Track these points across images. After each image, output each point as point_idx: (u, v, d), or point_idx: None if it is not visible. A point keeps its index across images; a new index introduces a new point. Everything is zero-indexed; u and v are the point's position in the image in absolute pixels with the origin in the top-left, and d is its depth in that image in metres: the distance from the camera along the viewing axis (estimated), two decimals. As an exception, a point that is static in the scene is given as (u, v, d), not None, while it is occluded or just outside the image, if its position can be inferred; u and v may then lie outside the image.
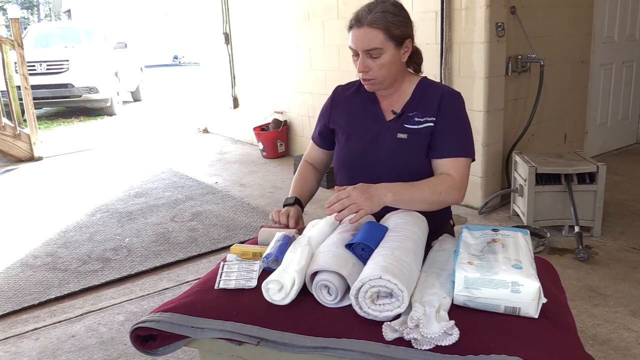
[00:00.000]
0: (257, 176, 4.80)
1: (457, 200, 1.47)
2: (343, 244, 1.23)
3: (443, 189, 1.43)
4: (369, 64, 1.47)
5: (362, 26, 1.44)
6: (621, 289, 2.47)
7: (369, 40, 1.44)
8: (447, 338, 0.96)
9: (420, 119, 1.53)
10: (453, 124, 1.52)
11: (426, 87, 1.57)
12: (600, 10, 4.28)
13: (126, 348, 2.21)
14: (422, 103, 1.55)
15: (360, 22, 1.45)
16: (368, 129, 1.59)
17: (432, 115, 1.52)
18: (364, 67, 1.48)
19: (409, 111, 1.55)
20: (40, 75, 8.15)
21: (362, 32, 1.45)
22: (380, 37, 1.44)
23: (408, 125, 1.53)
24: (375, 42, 1.44)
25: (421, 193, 1.41)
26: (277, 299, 1.11)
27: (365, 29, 1.44)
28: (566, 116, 4.21)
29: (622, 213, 3.42)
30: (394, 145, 1.54)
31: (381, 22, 1.43)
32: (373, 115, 1.60)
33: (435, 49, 3.58)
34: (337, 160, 1.68)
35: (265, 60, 5.56)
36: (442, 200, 1.44)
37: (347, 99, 1.68)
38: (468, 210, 3.60)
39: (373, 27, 1.43)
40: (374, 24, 1.43)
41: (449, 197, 1.45)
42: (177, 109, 9.60)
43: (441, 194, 1.43)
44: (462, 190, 1.47)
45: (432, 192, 1.42)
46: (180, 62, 23.48)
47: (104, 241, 3.36)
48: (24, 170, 5.41)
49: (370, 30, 1.44)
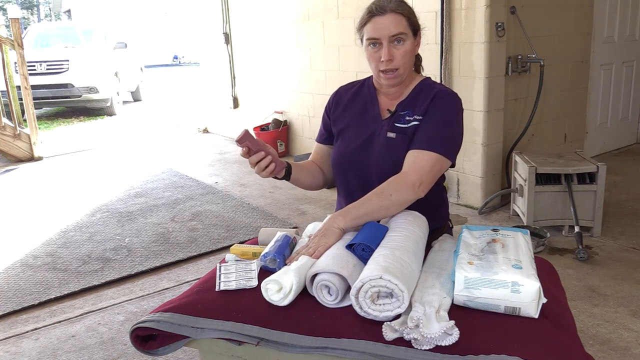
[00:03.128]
0: (257, 176, 4.76)
1: (413, 196, 1.37)
2: (343, 245, 1.23)
3: (392, 190, 1.36)
4: (393, 52, 1.47)
5: (386, 13, 1.46)
6: (621, 289, 2.47)
7: (395, 25, 1.45)
8: (447, 338, 0.96)
9: (410, 117, 1.51)
10: (435, 121, 1.47)
11: (424, 87, 1.56)
12: (600, 10, 4.29)
13: (126, 348, 2.21)
14: (415, 102, 1.53)
15: (384, 9, 1.46)
16: (364, 128, 1.58)
17: (420, 114, 1.50)
18: (389, 55, 1.46)
19: (401, 110, 1.54)
20: (40, 75, 8.15)
21: (388, 18, 1.45)
22: (404, 23, 1.47)
23: (398, 125, 1.52)
24: (401, 27, 1.46)
25: (370, 203, 1.34)
26: (276, 300, 1.11)
27: (389, 14, 1.45)
28: (566, 116, 4.21)
29: (622, 213, 3.42)
30: (383, 145, 1.53)
31: (403, 8, 1.47)
32: (371, 115, 1.59)
33: (435, 49, 3.58)
34: (332, 160, 1.67)
35: (265, 60, 5.56)
36: (396, 201, 1.35)
37: (348, 99, 1.67)
38: (468, 210, 3.60)
39: (397, 13, 1.46)
40: (397, 10, 1.46)
41: (403, 196, 1.36)
42: (177, 109, 9.60)
43: (392, 195, 1.35)
44: (418, 185, 1.37)
45: (381, 197, 1.35)
46: (180, 62, 23.48)
47: (104, 241, 3.36)
48: (24, 170, 5.41)
49: (395, 16, 1.46)
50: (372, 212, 1.34)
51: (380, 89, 1.61)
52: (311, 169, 1.71)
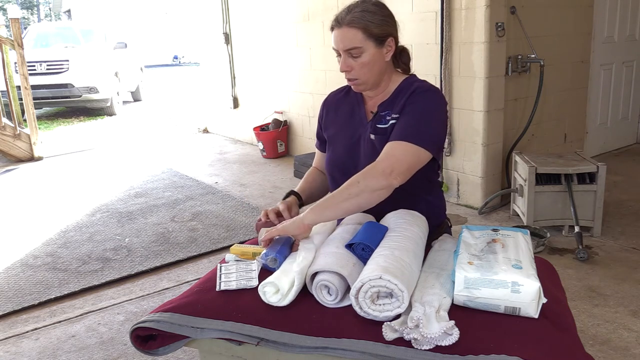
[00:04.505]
0: (257, 176, 4.80)
1: (384, 182, 1.32)
2: (343, 244, 1.23)
3: (361, 177, 1.33)
4: (350, 63, 1.48)
5: (341, 26, 1.46)
6: (621, 289, 2.47)
7: (348, 39, 1.45)
8: (447, 338, 0.96)
9: (389, 117, 1.50)
10: (411, 114, 1.45)
11: (404, 86, 1.53)
12: (600, 10, 4.28)
13: (126, 348, 2.21)
14: (395, 101, 1.52)
15: (339, 23, 1.47)
16: (352, 132, 1.59)
17: (398, 112, 1.48)
18: (346, 67, 1.49)
19: (382, 110, 1.53)
20: (40, 75, 8.14)
21: (341, 32, 1.46)
22: (359, 36, 1.45)
23: (379, 125, 1.52)
24: (354, 41, 1.45)
25: (338, 193, 1.33)
26: (274, 301, 1.11)
27: (343, 28, 1.46)
28: (566, 116, 4.21)
29: (622, 213, 3.42)
30: (368, 148, 1.53)
31: (359, 21, 1.45)
32: (357, 118, 1.60)
33: (435, 49, 3.58)
34: (325, 167, 1.69)
35: (265, 60, 5.56)
36: (365, 187, 1.31)
37: (337, 104, 1.68)
38: (468, 210, 3.60)
39: (351, 27, 1.45)
40: (351, 23, 1.45)
41: (372, 182, 1.32)
42: (177, 109, 9.60)
43: (359, 182, 1.32)
44: (389, 172, 1.33)
45: (350, 186, 1.33)
46: (180, 62, 23.47)
47: (104, 241, 3.36)
48: (24, 170, 5.41)
49: (348, 30, 1.45)
50: (342, 202, 1.32)
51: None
52: (317, 180, 1.74)
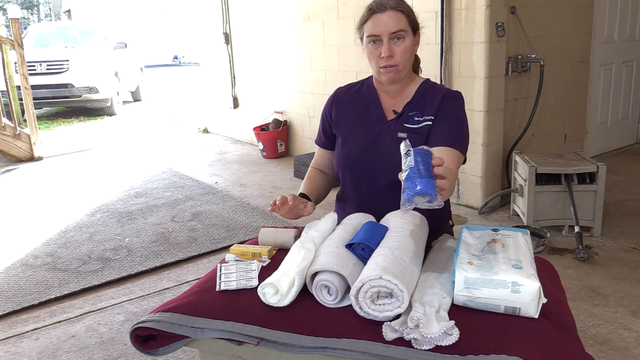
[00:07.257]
0: (257, 176, 4.80)
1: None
2: (343, 244, 1.23)
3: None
4: (393, 48, 1.49)
5: (386, 10, 1.49)
6: (621, 289, 2.47)
7: (394, 22, 1.48)
8: (447, 338, 0.96)
9: (419, 118, 1.54)
10: (450, 121, 1.52)
11: (428, 88, 1.59)
12: (600, 10, 4.28)
13: (126, 348, 2.21)
14: (423, 103, 1.56)
15: (384, 7, 1.49)
16: (370, 128, 1.60)
17: (431, 114, 1.53)
18: (389, 52, 1.49)
19: (409, 111, 1.56)
20: (40, 75, 8.14)
21: (388, 15, 1.48)
22: (404, 21, 1.50)
23: (408, 125, 1.55)
24: (400, 24, 1.49)
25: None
26: (273, 302, 1.11)
27: (390, 12, 1.49)
28: (566, 116, 4.21)
29: (622, 213, 3.42)
30: (394, 145, 1.54)
31: (402, 6, 1.51)
32: (375, 115, 1.61)
33: (435, 49, 3.58)
34: (337, 161, 1.67)
35: (265, 60, 5.56)
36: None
37: (349, 100, 1.68)
38: (468, 210, 3.60)
39: (397, 11, 1.49)
40: (397, 7, 1.49)
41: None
42: (177, 109, 9.60)
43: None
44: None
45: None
46: (180, 62, 23.49)
47: (104, 241, 3.36)
48: (24, 170, 5.41)
49: (395, 13, 1.49)
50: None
51: (381, 88, 1.62)
52: (321, 182, 1.74)
